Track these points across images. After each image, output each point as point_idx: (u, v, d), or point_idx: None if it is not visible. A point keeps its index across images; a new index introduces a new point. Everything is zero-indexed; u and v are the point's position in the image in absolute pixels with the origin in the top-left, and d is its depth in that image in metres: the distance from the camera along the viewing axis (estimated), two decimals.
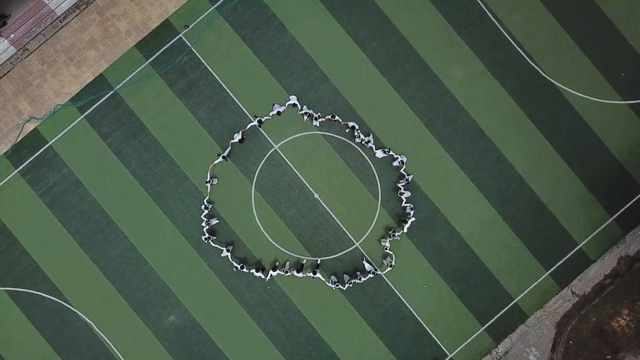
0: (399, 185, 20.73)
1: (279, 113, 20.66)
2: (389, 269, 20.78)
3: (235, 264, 20.55)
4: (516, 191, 21.16)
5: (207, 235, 20.55)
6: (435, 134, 21.06)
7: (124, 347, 20.74)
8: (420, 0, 21.07)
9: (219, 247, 20.67)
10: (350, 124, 20.62)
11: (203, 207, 20.63)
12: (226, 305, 20.88)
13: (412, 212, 20.65)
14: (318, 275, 20.39)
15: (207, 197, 20.72)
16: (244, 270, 20.55)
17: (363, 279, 20.70)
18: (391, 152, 20.69)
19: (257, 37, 20.91)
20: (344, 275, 20.91)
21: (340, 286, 20.78)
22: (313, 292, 20.91)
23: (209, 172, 20.68)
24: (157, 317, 20.80)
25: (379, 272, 20.91)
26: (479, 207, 21.12)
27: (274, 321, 20.93)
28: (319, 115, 20.63)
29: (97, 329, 20.69)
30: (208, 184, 20.67)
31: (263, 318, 20.90)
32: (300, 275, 20.46)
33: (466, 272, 21.11)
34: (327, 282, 20.74)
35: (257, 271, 20.54)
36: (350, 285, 20.73)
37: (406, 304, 21.03)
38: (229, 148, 20.61)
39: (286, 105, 20.65)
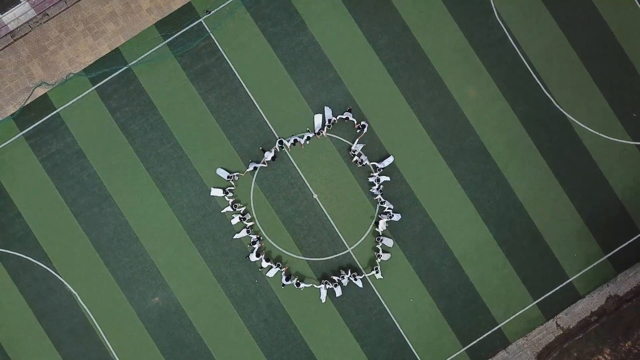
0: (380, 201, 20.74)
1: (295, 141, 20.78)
2: (374, 272, 20.73)
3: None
4: (514, 217, 21.15)
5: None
6: (440, 149, 21.06)
7: (105, 322, 20.73)
8: (444, 16, 21.07)
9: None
10: (362, 123, 20.60)
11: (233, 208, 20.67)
12: (212, 293, 20.86)
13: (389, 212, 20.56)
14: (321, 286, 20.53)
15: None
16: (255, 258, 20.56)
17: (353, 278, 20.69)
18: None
19: (276, 31, 20.90)
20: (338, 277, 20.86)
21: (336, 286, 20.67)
22: (300, 292, 20.89)
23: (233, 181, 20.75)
24: (141, 297, 20.79)
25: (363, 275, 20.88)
26: (475, 228, 21.11)
27: (257, 315, 20.91)
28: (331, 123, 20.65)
29: (80, 301, 20.69)
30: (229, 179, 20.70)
31: (247, 311, 20.89)
32: (302, 286, 20.50)
33: (454, 290, 21.09)
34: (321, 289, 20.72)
35: (266, 260, 20.54)
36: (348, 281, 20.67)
37: (391, 315, 21.02)
38: (260, 164, 20.62)
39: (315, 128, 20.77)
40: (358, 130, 20.81)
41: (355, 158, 20.55)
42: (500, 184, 21.12)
